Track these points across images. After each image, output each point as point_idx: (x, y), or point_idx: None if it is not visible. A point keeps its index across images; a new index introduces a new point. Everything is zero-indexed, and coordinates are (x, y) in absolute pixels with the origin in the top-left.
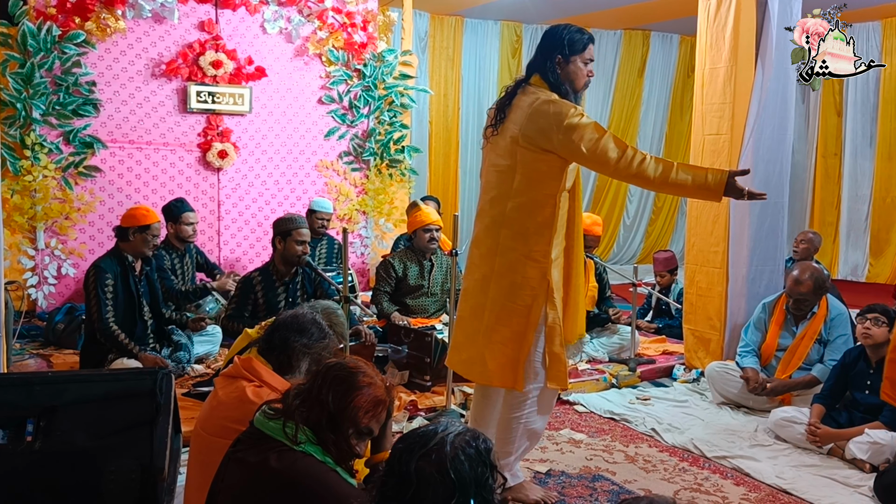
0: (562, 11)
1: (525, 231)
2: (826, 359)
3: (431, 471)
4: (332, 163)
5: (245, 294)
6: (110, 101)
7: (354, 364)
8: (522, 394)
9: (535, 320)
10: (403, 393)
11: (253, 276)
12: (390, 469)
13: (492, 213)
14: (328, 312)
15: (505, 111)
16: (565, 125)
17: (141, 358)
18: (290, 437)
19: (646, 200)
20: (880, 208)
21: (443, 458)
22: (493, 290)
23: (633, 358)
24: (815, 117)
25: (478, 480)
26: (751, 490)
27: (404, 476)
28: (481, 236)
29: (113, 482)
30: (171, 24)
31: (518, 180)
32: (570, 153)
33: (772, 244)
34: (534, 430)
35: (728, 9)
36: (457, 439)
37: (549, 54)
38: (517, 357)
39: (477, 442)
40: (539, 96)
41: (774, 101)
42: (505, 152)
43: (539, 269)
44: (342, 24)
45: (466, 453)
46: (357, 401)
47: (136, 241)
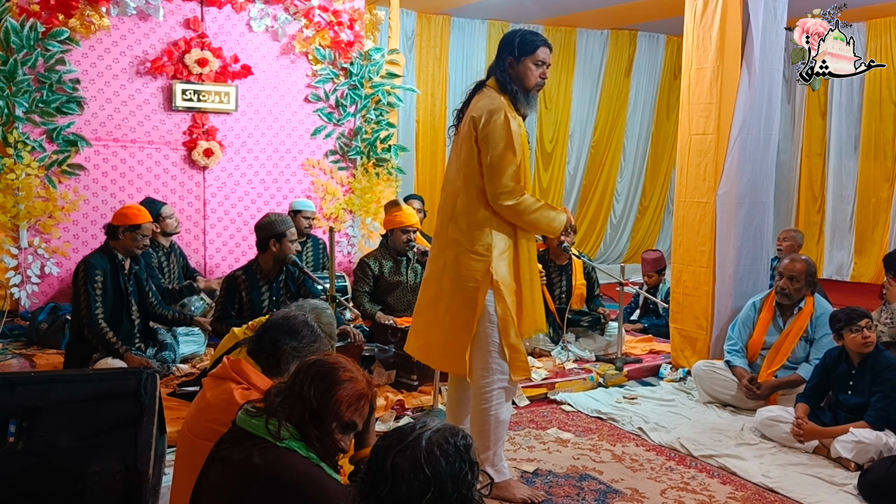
0: (549, 11)
1: (468, 226)
2: (812, 358)
3: (406, 466)
4: (319, 161)
5: (230, 293)
6: (94, 99)
7: (335, 360)
8: (487, 385)
9: (480, 311)
10: (390, 392)
11: (237, 276)
12: (369, 465)
13: (446, 209)
14: (317, 312)
15: (464, 111)
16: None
17: (127, 358)
18: (272, 434)
19: (632, 199)
20: (864, 208)
21: (417, 454)
22: (445, 281)
23: (620, 357)
24: (801, 118)
25: (455, 476)
26: (737, 489)
27: (381, 472)
28: (439, 230)
29: (97, 483)
30: (156, 22)
31: (463, 178)
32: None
33: (758, 244)
34: (505, 421)
35: (714, 9)
36: (434, 436)
37: (502, 55)
38: (463, 346)
39: (455, 438)
40: (484, 100)
41: (760, 102)
42: (458, 150)
43: (483, 262)
44: (329, 22)
45: (443, 449)
46: (339, 395)
47: (125, 239)
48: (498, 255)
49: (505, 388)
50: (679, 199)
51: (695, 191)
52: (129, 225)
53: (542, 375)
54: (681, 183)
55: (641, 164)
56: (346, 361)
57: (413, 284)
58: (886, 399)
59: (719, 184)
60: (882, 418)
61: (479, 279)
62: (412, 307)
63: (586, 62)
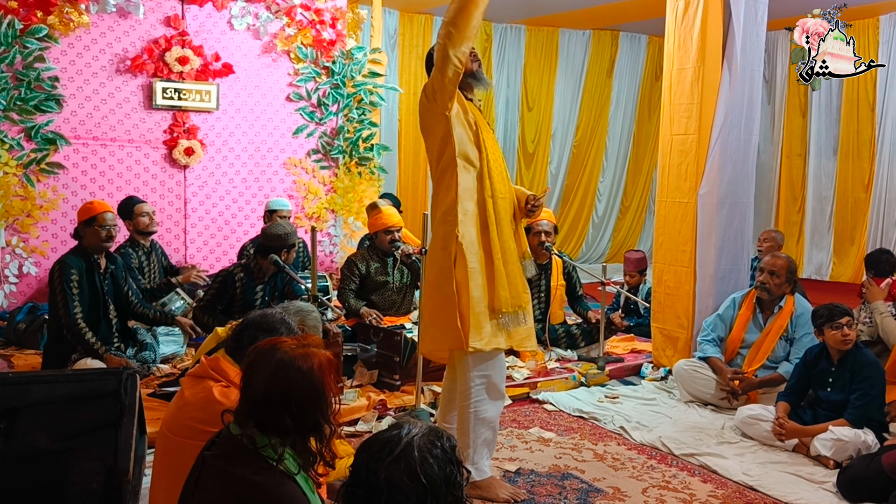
0: (530, 11)
1: (436, 196)
2: (792, 357)
3: (402, 478)
4: (301, 160)
5: (224, 288)
6: (73, 97)
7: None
8: (469, 381)
9: (450, 275)
10: (373, 392)
11: (235, 273)
12: (356, 479)
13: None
14: (302, 314)
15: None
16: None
17: (107, 359)
18: (274, 453)
19: (614, 199)
20: (843, 209)
21: (412, 463)
22: (432, 270)
23: (602, 356)
24: (781, 118)
25: (447, 480)
26: (718, 487)
27: (373, 485)
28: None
29: (77, 485)
30: (137, 20)
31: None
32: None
33: (738, 244)
34: (486, 419)
35: (696, 10)
36: (422, 441)
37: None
38: (452, 316)
39: (441, 441)
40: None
41: (741, 102)
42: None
43: (448, 224)
44: (311, 20)
45: (433, 454)
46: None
47: (87, 235)
48: (463, 215)
49: (486, 385)
50: (660, 199)
51: (676, 191)
52: (84, 220)
53: (524, 375)
54: (662, 183)
55: (623, 164)
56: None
57: (398, 285)
58: (865, 397)
59: (700, 184)
60: (861, 416)
61: (449, 246)
62: (396, 306)
63: (568, 62)
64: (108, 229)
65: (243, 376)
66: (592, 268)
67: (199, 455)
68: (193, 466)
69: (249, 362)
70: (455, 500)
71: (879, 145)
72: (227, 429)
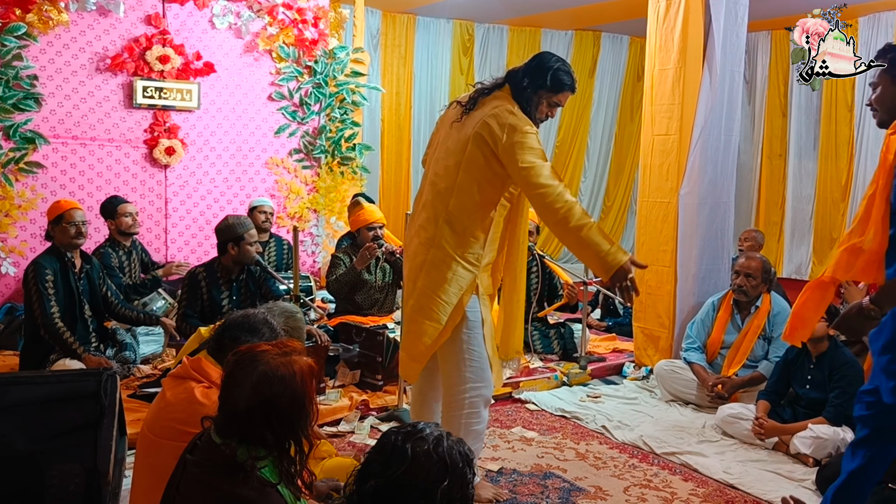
0: (514, 11)
1: (463, 231)
2: (771, 355)
3: (428, 452)
4: (283, 160)
5: (193, 291)
6: (53, 96)
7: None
8: (460, 393)
9: (459, 318)
10: (355, 392)
11: (198, 272)
12: (382, 448)
13: (436, 205)
14: (287, 315)
15: (475, 104)
16: (516, 138)
17: (85, 359)
18: (255, 465)
19: (596, 199)
20: (823, 208)
21: (439, 445)
22: (421, 280)
23: (584, 356)
24: (761, 119)
25: (463, 476)
26: (699, 485)
27: (398, 452)
28: (424, 224)
29: (56, 487)
30: (117, 18)
31: (462, 178)
32: (508, 164)
33: (719, 243)
34: (476, 431)
35: (677, 11)
36: (450, 437)
37: (535, 78)
38: (426, 352)
39: (464, 446)
40: (504, 104)
41: (721, 103)
42: (458, 146)
43: (471, 272)
44: (293, 20)
45: (458, 450)
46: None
47: (57, 234)
48: (484, 266)
49: (479, 398)
50: (642, 199)
51: (657, 191)
52: (52, 219)
53: (506, 375)
54: (644, 183)
55: (605, 165)
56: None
57: (381, 284)
58: (844, 395)
59: (681, 184)
60: (839, 414)
61: (464, 286)
62: (378, 305)
63: None
64: (77, 226)
65: (222, 387)
66: (574, 267)
67: (181, 458)
68: (175, 470)
69: (229, 373)
70: (464, 499)
71: (858, 145)
72: (209, 434)
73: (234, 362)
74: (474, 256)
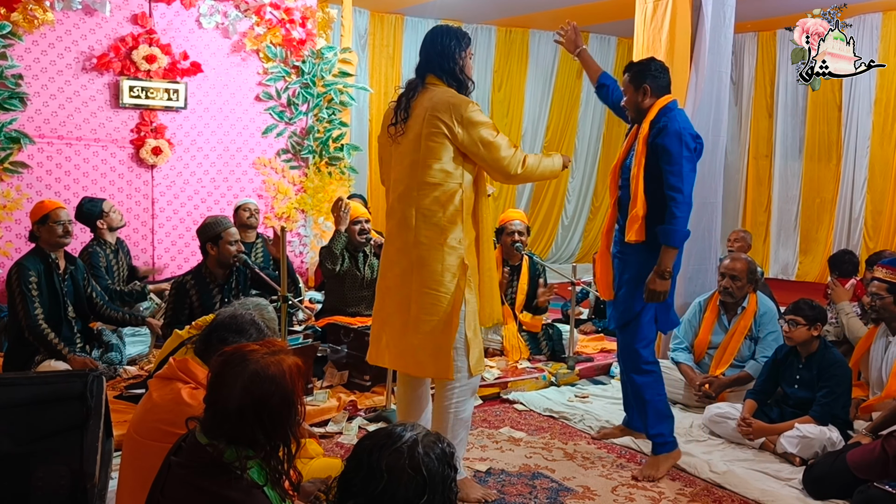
0: (501, 11)
1: (439, 221)
2: (758, 355)
3: (403, 467)
4: (270, 160)
5: (180, 299)
6: (38, 95)
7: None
8: (450, 382)
9: (459, 305)
10: (343, 393)
11: (186, 280)
12: (356, 465)
13: (402, 209)
14: (259, 308)
15: (408, 110)
16: (466, 119)
17: (70, 360)
18: (242, 466)
19: (584, 200)
20: (809, 209)
21: (415, 455)
22: (415, 282)
23: (572, 356)
24: (747, 120)
25: (445, 479)
26: (686, 485)
27: (374, 471)
28: (395, 232)
29: (41, 489)
30: (103, 17)
31: (426, 174)
32: (467, 147)
33: (706, 244)
34: (464, 419)
35: (664, 12)
36: (425, 439)
37: (453, 49)
38: (447, 345)
39: (441, 444)
40: (440, 92)
41: (708, 104)
42: (410, 149)
43: (456, 254)
44: (280, 19)
45: (435, 452)
46: (298, 408)
47: (43, 234)
48: (468, 245)
49: (467, 386)
50: None
51: None
52: (37, 220)
53: (494, 375)
54: None
55: (593, 165)
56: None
57: (369, 280)
58: (831, 395)
59: None
60: (826, 413)
61: (456, 272)
62: (365, 301)
63: (538, 63)
64: (64, 225)
65: (210, 387)
66: (562, 268)
67: (165, 460)
68: (159, 472)
69: (218, 373)
70: (448, 502)
71: (845, 146)
72: (194, 435)
73: (222, 362)
74: (456, 240)
